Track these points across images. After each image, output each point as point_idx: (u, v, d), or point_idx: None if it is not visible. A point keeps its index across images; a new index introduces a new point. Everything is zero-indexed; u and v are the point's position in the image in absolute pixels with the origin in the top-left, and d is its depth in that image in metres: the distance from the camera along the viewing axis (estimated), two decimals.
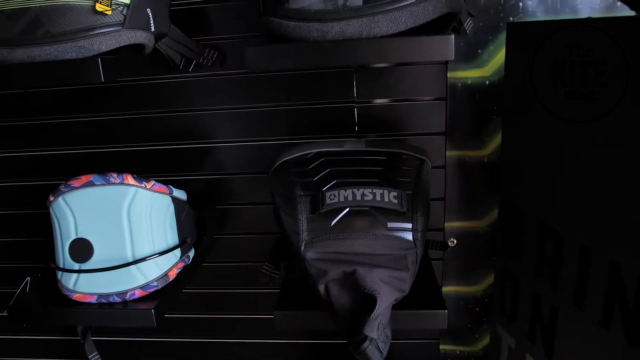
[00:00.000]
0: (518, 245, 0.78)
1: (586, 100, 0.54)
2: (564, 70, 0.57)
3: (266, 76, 0.92)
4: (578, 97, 0.55)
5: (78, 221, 0.77)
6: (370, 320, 0.61)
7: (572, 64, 0.55)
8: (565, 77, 0.57)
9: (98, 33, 0.68)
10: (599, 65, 0.52)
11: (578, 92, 0.55)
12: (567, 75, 0.56)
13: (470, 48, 0.87)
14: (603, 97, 0.53)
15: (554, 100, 0.59)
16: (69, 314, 0.79)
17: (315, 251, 0.66)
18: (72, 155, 1.02)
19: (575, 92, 0.55)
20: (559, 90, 0.57)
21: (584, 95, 0.54)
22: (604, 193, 0.60)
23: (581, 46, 0.53)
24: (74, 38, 0.67)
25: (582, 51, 0.54)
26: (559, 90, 0.57)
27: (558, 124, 0.66)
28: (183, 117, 0.97)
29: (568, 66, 0.56)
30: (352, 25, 0.59)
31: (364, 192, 0.66)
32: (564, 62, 0.56)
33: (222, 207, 1.02)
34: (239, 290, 1.07)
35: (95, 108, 0.98)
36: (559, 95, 0.57)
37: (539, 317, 0.74)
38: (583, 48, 0.53)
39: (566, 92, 0.56)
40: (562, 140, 0.66)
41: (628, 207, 0.56)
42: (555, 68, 0.57)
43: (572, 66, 0.55)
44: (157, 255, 0.79)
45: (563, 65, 0.57)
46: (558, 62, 0.57)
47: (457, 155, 0.93)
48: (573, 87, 0.55)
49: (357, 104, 0.92)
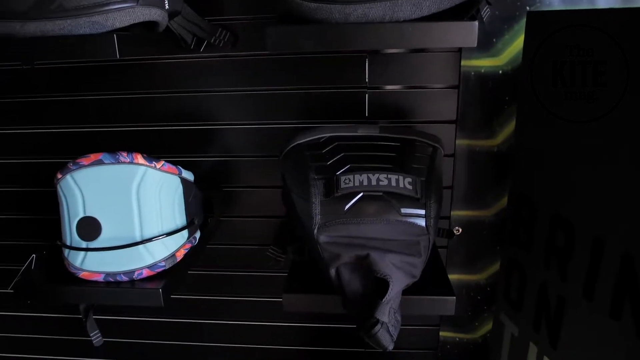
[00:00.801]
0: (528, 235, 0.78)
1: (586, 100, 0.54)
2: (564, 70, 0.57)
3: (277, 59, 0.91)
4: (578, 97, 0.55)
5: (86, 199, 0.76)
6: (382, 304, 0.61)
7: (572, 64, 0.55)
8: (565, 77, 0.56)
9: (112, 9, 0.67)
10: (599, 65, 0.52)
11: (578, 92, 0.55)
12: (567, 75, 0.56)
13: (486, 36, 0.86)
14: (603, 97, 0.53)
15: (554, 100, 0.58)
16: (76, 292, 0.79)
17: (328, 235, 0.66)
18: (81, 133, 1.00)
19: (575, 92, 0.55)
20: (559, 90, 0.57)
21: (584, 95, 0.54)
22: (621, 186, 0.60)
23: (581, 46, 0.53)
24: (88, 13, 0.66)
25: (582, 51, 0.53)
26: (559, 90, 0.57)
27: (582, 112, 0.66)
28: (193, 98, 0.96)
29: (568, 66, 0.55)
30: (375, 8, 0.59)
31: (379, 177, 0.66)
32: (564, 62, 0.55)
33: (229, 189, 1.01)
34: (243, 273, 1.07)
35: (105, 86, 0.97)
36: (559, 95, 0.57)
37: (545, 306, 0.75)
38: (583, 48, 0.53)
39: (566, 92, 0.56)
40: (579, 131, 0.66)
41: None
42: (555, 68, 0.57)
43: (572, 66, 0.55)
44: (165, 235, 0.79)
45: (563, 65, 0.56)
46: (558, 62, 0.56)
47: (466, 144, 0.93)
48: (573, 87, 0.55)
49: (368, 90, 0.91)
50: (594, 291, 0.64)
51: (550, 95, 0.58)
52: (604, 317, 0.62)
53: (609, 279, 0.62)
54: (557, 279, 0.72)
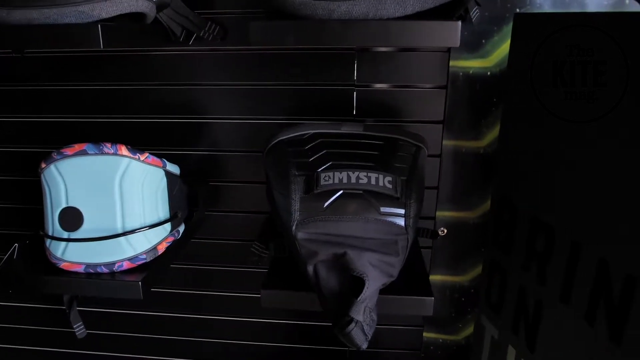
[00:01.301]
0: (509, 238, 0.78)
1: (586, 100, 0.54)
2: (564, 70, 0.57)
3: (266, 54, 0.91)
4: (578, 97, 0.55)
5: (69, 189, 0.76)
6: (357, 303, 0.61)
7: (572, 64, 0.55)
8: (565, 77, 0.56)
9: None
10: (599, 65, 0.52)
11: (578, 92, 0.55)
12: (567, 75, 0.56)
13: (474, 38, 0.86)
14: (603, 97, 0.53)
15: (554, 100, 0.58)
16: (56, 282, 0.78)
17: (306, 231, 0.66)
18: (65, 123, 1.00)
19: (575, 92, 0.55)
20: (559, 90, 0.57)
21: (584, 95, 0.54)
22: (600, 192, 0.60)
23: (581, 46, 0.53)
24: (74, 2, 0.65)
25: (582, 51, 0.53)
26: (559, 90, 0.57)
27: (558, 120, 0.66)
28: (181, 91, 0.96)
29: (568, 66, 0.55)
30: (359, 5, 0.59)
31: (359, 175, 0.66)
32: (564, 62, 0.55)
33: (215, 184, 1.01)
34: (226, 268, 1.07)
35: (92, 77, 0.97)
36: (559, 95, 0.57)
37: (523, 309, 0.75)
38: (583, 48, 0.53)
39: (566, 92, 0.56)
40: (561, 137, 0.66)
41: (621, 207, 0.57)
42: (556, 68, 0.57)
43: (572, 66, 0.55)
44: (147, 227, 0.78)
45: (563, 65, 0.56)
46: (558, 62, 0.56)
47: (453, 145, 0.93)
48: (573, 87, 0.55)
49: (356, 88, 0.91)
50: (570, 295, 0.64)
51: (550, 95, 0.58)
52: (580, 321, 0.62)
53: (585, 283, 0.62)
54: (536, 282, 0.72)
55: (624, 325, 0.55)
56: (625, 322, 0.55)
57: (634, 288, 0.54)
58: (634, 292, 0.54)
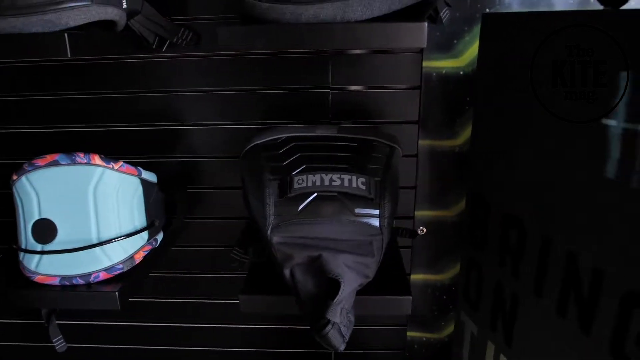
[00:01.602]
0: (483, 234, 0.79)
1: (586, 100, 0.54)
2: (564, 70, 0.57)
3: (241, 59, 0.91)
4: (578, 97, 0.55)
5: (42, 201, 0.75)
6: (333, 305, 0.61)
7: (572, 64, 0.55)
8: (566, 77, 0.56)
9: (66, 7, 0.66)
10: (599, 65, 0.52)
11: (578, 92, 0.55)
12: (567, 75, 0.56)
13: (446, 38, 0.87)
14: (603, 97, 0.53)
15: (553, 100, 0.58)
16: (31, 296, 0.77)
17: (281, 235, 0.66)
18: (37, 134, 0.99)
19: (575, 92, 0.55)
20: (559, 90, 0.57)
21: (584, 95, 0.54)
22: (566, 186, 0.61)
23: (581, 46, 0.53)
24: (40, 11, 0.65)
25: (582, 51, 0.54)
26: (559, 90, 0.57)
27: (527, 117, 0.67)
28: (156, 98, 0.95)
29: (568, 66, 0.56)
30: (326, 9, 0.59)
31: (333, 178, 0.66)
32: (564, 62, 0.56)
33: (193, 190, 1.01)
34: (207, 275, 1.07)
35: (63, 86, 0.96)
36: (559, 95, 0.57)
37: (500, 305, 0.76)
38: (583, 48, 0.53)
39: (566, 92, 0.56)
40: (529, 134, 0.67)
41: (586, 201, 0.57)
42: (556, 68, 0.57)
43: (572, 66, 0.55)
44: (123, 237, 0.78)
45: (563, 65, 0.56)
46: (558, 62, 0.57)
47: (429, 145, 0.94)
48: (573, 87, 0.55)
49: (331, 90, 0.91)
50: (543, 289, 0.65)
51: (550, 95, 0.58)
52: (552, 314, 0.63)
53: (556, 276, 0.62)
54: (511, 277, 0.72)
55: (593, 316, 0.56)
56: (594, 313, 0.56)
57: (601, 280, 0.55)
58: (601, 284, 0.55)
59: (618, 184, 0.52)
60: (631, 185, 0.50)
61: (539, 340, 0.68)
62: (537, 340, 0.68)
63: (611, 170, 0.53)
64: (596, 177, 0.55)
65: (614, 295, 0.54)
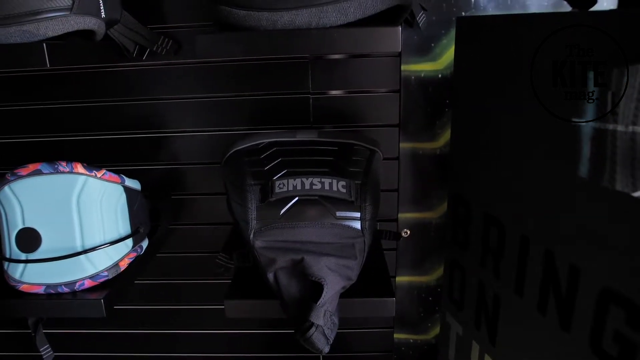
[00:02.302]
0: (465, 235, 0.80)
1: (586, 100, 0.55)
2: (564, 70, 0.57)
3: (221, 66, 0.92)
4: (578, 97, 0.55)
5: (25, 210, 0.75)
6: (316, 308, 0.62)
7: (572, 64, 0.55)
8: (565, 77, 0.57)
9: (44, 17, 0.66)
10: (599, 65, 0.53)
11: (578, 92, 0.55)
12: (567, 75, 0.56)
13: (424, 42, 0.88)
14: (603, 97, 0.53)
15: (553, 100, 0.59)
16: (16, 305, 0.77)
17: (264, 240, 0.66)
18: (20, 143, 0.99)
19: (575, 92, 0.56)
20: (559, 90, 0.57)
21: (584, 95, 0.55)
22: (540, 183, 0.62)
23: (581, 46, 0.54)
24: (18, 22, 0.65)
25: (582, 51, 0.54)
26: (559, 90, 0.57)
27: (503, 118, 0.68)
28: (137, 106, 0.96)
29: (568, 66, 0.56)
30: (301, 15, 0.60)
31: (313, 182, 0.67)
32: (564, 62, 0.56)
33: (178, 197, 1.01)
34: (193, 281, 1.07)
35: (45, 95, 0.96)
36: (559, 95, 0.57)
37: (483, 304, 0.77)
38: (583, 48, 0.54)
39: (566, 92, 0.56)
40: (506, 134, 0.68)
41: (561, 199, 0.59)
42: (556, 68, 0.57)
43: (572, 66, 0.55)
44: (108, 244, 0.78)
45: (563, 65, 0.57)
46: (558, 62, 0.57)
47: (410, 147, 0.95)
48: (573, 87, 0.56)
49: (312, 95, 0.92)
50: (524, 288, 0.66)
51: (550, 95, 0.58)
52: (533, 312, 0.64)
53: (535, 275, 0.63)
54: (492, 277, 0.73)
55: (572, 313, 0.57)
56: (572, 310, 0.57)
57: (577, 277, 0.56)
58: (578, 282, 0.56)
59: (590, 183, 0.53)
60: (602, 184, 0.52)
61: (521, 338, 0.69)
62: (519, 338, 0.69)
63: (584, 169, 0.54)
64: (569, 176, 0.56)
65: (590, 291, 0.55)
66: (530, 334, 0.66)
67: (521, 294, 0.67)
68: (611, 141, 0.50)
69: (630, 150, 0.47)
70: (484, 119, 0.73)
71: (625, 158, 0.48)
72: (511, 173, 0.68)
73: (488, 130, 0.72)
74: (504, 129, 0.68)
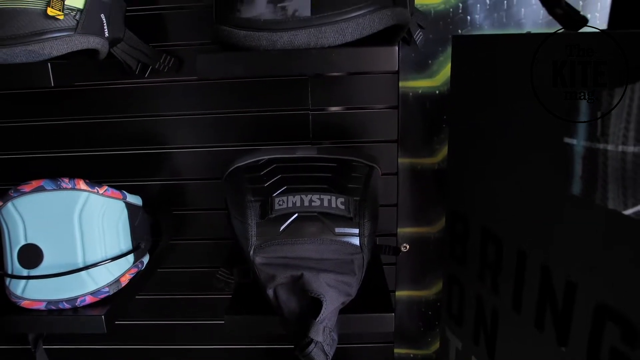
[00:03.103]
0: (463, 250, 0.81)
1: (586, 100, 0.55)
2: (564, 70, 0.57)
3: (222, 83, 0.93)
4: (578, 97, 0.56)
5: (27, 227, 0.76)
6: (315, 324, 0.62)
7: (572, 64, 0.56)
8: (565, 77, 0.57)
9: (49, 37, 0.67)
10: (599, 65, 0.53)
11: (578, 92, 0.55)
12: (567, 75, 0.56)
13: (421, 59, 0.89)
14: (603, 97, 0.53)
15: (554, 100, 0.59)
16: (17, 321, 0.77)
17: (263, 256, 0.67)
18: (22, 159, 1.00)
19: (575, 92, 0.56)
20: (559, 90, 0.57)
21: (583, 95, 0.55)
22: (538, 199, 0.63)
23: (581, 46, 0.55)
24: (24, 42, 0.66)
25: (582, 51, 0.54)
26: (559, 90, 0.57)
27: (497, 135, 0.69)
28: (139, 123, 0.97)
29: (568, 66, 0.56)
30: (300, 35, 0.61)
31: (312, 198, 0.68)
32: (564, 62, 0.56)
33: (179, 212, 1.02)
34: (194, 296, 1.07)
35: (49, 112, 0.97)
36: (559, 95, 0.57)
37: (482, 320, 0.77)
38: (583, 48, 0.55)
39: (566, 92, 0.56)
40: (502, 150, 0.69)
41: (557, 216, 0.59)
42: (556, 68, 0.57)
43: (572, 66, 0.55)
44: (109, 260, 0.78)
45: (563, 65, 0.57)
46: (558, 62, 0.57)
47: (408, 163, 0.96)
48: (573, 87, 0.56)
49: (312, 112, 0.94)
50: (521, 303, 0.67)
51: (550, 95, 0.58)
52: (531, 328, 0.65)
53: (532, 291, 0.64)
54: (490, 292, 0.74)
55: (569, 329, 0.58)
56: (569, 326, 0.57)
57: (574, 294, 0.57)
58: (574, 298, 0.57)
59: (583, 200, 0.54)
60: (595, 202, 0.52)
61: (520, 354, 0.69)
62: (518, 354, 0.69)
63: (577, 187, 0.55)
64: (564, 193, 0.57)
65: (587, 308, 0.55)
66: (528, 350, 0.66)
67: (519, 309, 0.67)
68: (602, 160, 0.51)
69: (621, 169, 0.48)
70: (480, 136, 0.74)
71: (616, 177, 0.49)
72: (507, 189, 0.68)
73: (484, 147, 0.73)
74: (499, 145, 0.69)
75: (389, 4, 0.64)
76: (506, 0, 0.86)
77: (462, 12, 0.87)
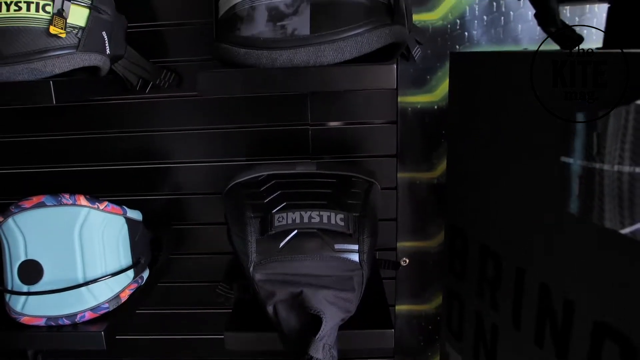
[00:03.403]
0: (462, 266, 0.81)
1: (586, 100, 0.55)
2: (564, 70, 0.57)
3: (222, 98, 0.94)
4: (578, 97, 0.56)
5: (28, 242, 0.76)
6: (315, 341, 0.62)
7: (572, 64, 0.55)
8: (565, 77, 0.57)
9: (51, 55, 0.68)
10: (599, 65, 0.52)
11: (578, 92, 0.55)
12: (567, 75, 0.56)
13: (420, 74, 0.90)
14: (603, 97, 0.53)
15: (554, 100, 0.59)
16: (16, 337, 0.77)
17: (263, 272, 0.67)
18: (23, 175, 1.00)
19: (575, 92, 0.56)
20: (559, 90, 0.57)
21: (584, 95, 0.55)
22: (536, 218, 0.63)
23: (581, 46, 0.54)
24: (26, 60, 0.67)
25: (582, 51, 0.54)
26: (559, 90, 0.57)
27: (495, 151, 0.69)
28: (140, 138, 0.97)
29: (568, 66, 0.56)
30: (300, 54, 0.62)
31: (312, 215, 0.68)
32: (564, 62, 0.56)
33: (178, 227, 1.02)
34: (194, 311, 1.07)
35: (50, 127, 0.98)
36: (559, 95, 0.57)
37: (481, 335, 0.77)
38: (583, 48, 0.54)
39: (566, 92, 0.56)
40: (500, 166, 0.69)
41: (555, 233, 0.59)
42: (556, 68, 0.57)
43: (572, 66, 0.55)
44: (109, 276, 0.78)
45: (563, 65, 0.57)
46: (558, 62, 0.57)
47: (408, 177, 0.96)
48: (573, 87, 0.55)
49: (311, 127, 0.94)
50: (521, 320, 0.67)
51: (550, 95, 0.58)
52: (531, 345, 0.64)
53: (531, 307, 0.64)
54: (490, 308, 0.74)
55: (568, 346, 0.58)
56: (568, 343, 0.57)
57: (572, 312, 0.57)
58: (573, 316, 0.57)
59: (580, 219, 0.54)
60: (593, 220, 0.53)
61: None
62: None
63: (574, 206, 0.55)
64: (561, 211, 0.57)
65: (585, 325, 0.55)
66: None
67: (518, 326, 0.67)
68: (599, 180, 0.51)
69: (617, 189, 0.49)
70: (478, 151, 0.74)
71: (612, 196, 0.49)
72: (506, 205, 0.69)
73: (482, 162, 0.73)
74: (497, 161, 0.70)
75: (387, 22, 0.64)
76: (503, 17, 0.87)
77: (459, 28, 0.88)
